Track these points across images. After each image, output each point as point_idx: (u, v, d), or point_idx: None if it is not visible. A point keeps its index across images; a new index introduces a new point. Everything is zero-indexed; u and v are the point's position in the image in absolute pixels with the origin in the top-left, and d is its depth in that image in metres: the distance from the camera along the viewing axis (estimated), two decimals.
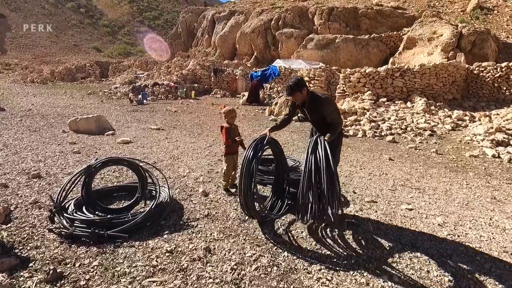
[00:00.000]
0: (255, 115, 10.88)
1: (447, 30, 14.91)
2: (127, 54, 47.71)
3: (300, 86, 2.88)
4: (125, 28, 58.02)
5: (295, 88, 2.89)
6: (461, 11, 21.66)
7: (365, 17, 22.22)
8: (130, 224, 2.72)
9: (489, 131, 7.55)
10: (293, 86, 2.88)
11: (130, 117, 9.81)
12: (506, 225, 3.35)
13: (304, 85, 2.92)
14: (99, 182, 3.98)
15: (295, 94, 2.92)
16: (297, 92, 2.90)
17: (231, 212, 3.30)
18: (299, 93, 2.90)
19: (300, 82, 2.90)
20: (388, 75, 10.75)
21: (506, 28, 18.57)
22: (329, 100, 2.98)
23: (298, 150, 6.24)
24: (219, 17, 31.63)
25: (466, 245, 2.87)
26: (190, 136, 7.29)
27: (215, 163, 5.08)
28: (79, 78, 25.94)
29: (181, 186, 3.98)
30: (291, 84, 2.90)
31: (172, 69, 22.11)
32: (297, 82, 2.89)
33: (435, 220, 3.35)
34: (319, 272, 2.33)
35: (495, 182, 4.80)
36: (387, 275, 2.35)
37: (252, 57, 25.59)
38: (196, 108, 12.22)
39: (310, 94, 2.97)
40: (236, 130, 3.91)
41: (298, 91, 2.89)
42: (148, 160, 5.09)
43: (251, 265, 2.37)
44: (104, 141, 6.41)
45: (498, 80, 10.55)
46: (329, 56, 19.65)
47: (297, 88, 2.88)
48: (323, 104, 2.91)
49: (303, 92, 2.92)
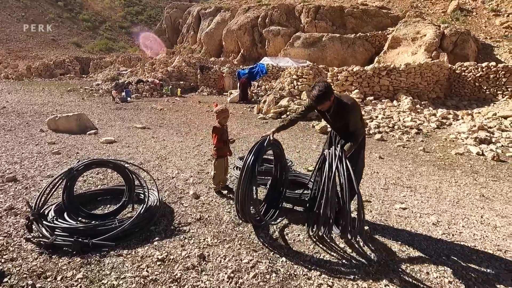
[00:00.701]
0: (244, 113, 10.73)
1: (430, 31, 15.27)
2: (109, 50, 46.16)
3: (329, 94, 2.61)
4: (106, 23, 56.08)
5: (323, 97, 2.61)
6: (442, 12, 22.26)
7: (351, 16, 22.45)
8: (117, 231, 2.53)
9: (472, 129, 7.76)
10: (321, 95, 2.59)
11: (113, 115, 9.43)
12: (497, 222, 3.40)
13: (332, 92, 2.65)
14: (81, 185, 3.74)
15: (324, 103, 2.65)
16: (326, 101, 2.64)
17: (225, 215, 3.17)
18: (328, 101, 2.65)
19: (328, 90, 2.60)
20: (375, 74, 10.87)
21: (484, 30, 19.24)
22: (355, 107, 2.71)
23: (288, 149, 6.17)
24: (204, 13, 31.11)
25: (462, 244, 2.87)
26: (177, 135, 7.06)
27: (205, 163, 4.92)
28: (57, 74, 24.82)
29: (171, 188, 3.81)
30: (319, 94, 2.59)
31: (157, 65, 21.54)
32: (325, 90, 2.58)
33: (429, 219, 3.35)
34: (319, 278, 2.24)
35: (482, 180, 4.90)
36: (387, 278, 2.29)
37: (239, 55, 25.34)
38: (182, 106, 11.92)
39: (336, 100, 2.71)
40: (226, 130, 3.72)
41: (327, 100, 2.63)
42: (134, 160, 4.87)
43: (249, 272, 2.25)
44: (86, 141, 6.09)
45: (479, 80, 10.88)
46: (316, 55, 19.72)
47: (326, 97, 2.61)
48: (349, 112, 2.67)
49: (331, 100, 2.66)
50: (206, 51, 28.14)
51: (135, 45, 49.89)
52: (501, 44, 17.22)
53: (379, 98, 10.77)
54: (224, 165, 3.66)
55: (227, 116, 3.63)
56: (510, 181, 4.88)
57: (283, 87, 13.63)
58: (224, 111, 3.60)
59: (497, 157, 6.03)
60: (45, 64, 25.75)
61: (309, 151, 6.16)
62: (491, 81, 10.64)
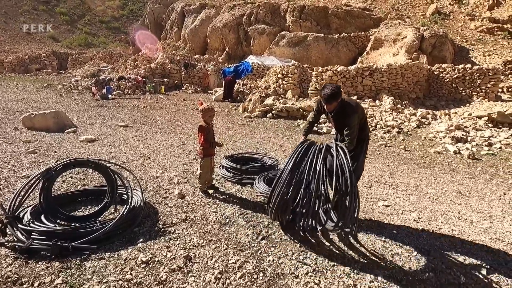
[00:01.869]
0: (229, 112, 10.67)
1: (411, 33, 15.76)
2: (88, 45, 44.57)
3: (338, 95, 2.72)
4: (85, 17, 54.10)
5: (333, 97, 2.70)
6: (421, 15, 23.01)
7: (335, 16, 22.77)
8: (99, 233, 2.44)
9: (449, 129, 8.09)
10: (332, 94, 2.69)
11: (93, 113, 9.11)
12: (473, 218, 3.55)
13: (341, 94, 2.76)
14: (60, 186, 3.58)
15: (332, 103, 2.75)
16: (334, 102, 2.73)
17: (211, 215, 3.13)
18: (335, 102, 2.74)
19: (338, 91, 2.71)
20: (358, 74, 11.10)
21: (460, 33, 20.07)
22: (355, 112, 2.76)
23: (274, 148, 6.19)
24: (189, 10, 30.61)
25: (441, 239, 2.98)
26: (161, 133, 6.92)
27: (190, 162, 4.85)
28: (33, 69, 23.69)
29: (155, 188, 3.72)
30: (330, 93, 2.69)
31: (140, 62, 21.00)
32: (336, 91, 2.69)
33: (410, 216, 3.45)
34: (306, 276, 2.26)
35: (459, 177, 5.11)
36: (372, 274, 2.34)
37: (224, 52, 25.13)
38: (166, 104, 11.69)
39: (341, 102, 2.79)
40: (212, 130, 3.67)
41: (335, 100, 2.73)
42: (116, 160, 4.72)
43: (236, 272, 2.24)
44: (64, 139, 5.85)
45: (456, 81, 11.35)
46: (301, 54, 19.88)
47: (335, 98, 2.71)
48: (349, 115, 2.74)
49: (338, 101, 2.76)
50: (190, 48, 27.72)
51: (117, 40, 48.49)
52: (476, 47, 18.05)
53: (362, 97, 11.00)
54: (210, 164, 3.61)
55: (212, 114, 3.58)
56: (484, 178, 5.11)
57: (268, 86, 13.66)
58: (209, 109, 3.53)
59: (472, 156, 6.31)
60: (19, 58, 24.53)
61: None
62: (467, 83, 11.13)
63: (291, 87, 12.74)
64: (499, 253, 2.81)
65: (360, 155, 2.98)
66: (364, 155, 3.04)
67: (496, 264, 2.62)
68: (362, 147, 2.99)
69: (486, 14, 21.40)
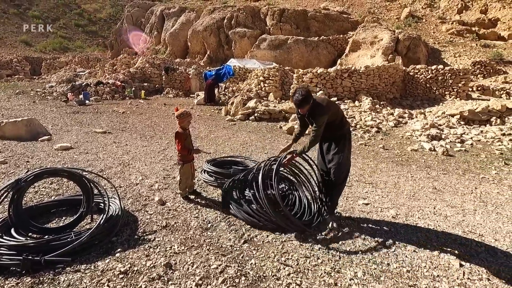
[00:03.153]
0: (211, 115, 10.60)
1: (386, 35, 16.32)
2: (63, 49, 43.07)
3: (309, 98, 2.82)
4: (60, 20, 52.29)
5: (305, 101, 2.81)
6: (396, 18, 23.92)
7: (314, 20, 23.24)
8: (74, 244, 2.35)
9: (424, 127, 8.41)
10: (303, 99, 2.79)
11: (70, 119, 8.79)
12: (447, 212, 3.71)
13: (311, 96, 2.86)
14: (32, 196, 3.42)
15: (304, 107, 2.85)
16: (306, 105, 2.84)
17: (192, 220, 3.09)
18: (307, 105, 2.85)
19: (308, 95, 2.82)
20: (337, 76, 11.35)
21: (433, 35, 21.02)
22: (324, 113, 2.84)
23: (257, 151, 6.20)
24: (168, 13, 30.29)
25: (417, 234, 3.08)
26: (141, 139, 6.77)
27: (171, 168, 4.77)
28: (4, 75, 22.57)
29: (134, 196, 3.63)
30: (301, 98, 2.79)
31: (118, 66, 20.51)
32: (306, 94, 2.80)
33: (388, 213, 3.56)
34: (288, 277, 2.27)
35: (434, 173, 5.32)
36: (352, 272, 2.39)
37: (205, 56, 25.02)
38: (147, 109, 11.47)
39: (312, 103, 2.88)
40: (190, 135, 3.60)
41: (307, 103, 2.83)
42: (94, 168, 4.58)
43: (218, 278, 2.21)
44: (38, 148, 5.60)
45: (430, 81, 11.84)
46: (282, 57, 20.11)
47: (306, 101, 2.82)
48: (317, 116, 2.85)
49: (310, 103, 2.86)
50: (171, 52, 27.38)
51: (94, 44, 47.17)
52: (447, 48, 18.94)
53: (342, 98, 11.25)
54: (191, 170, 3.57)
55: (190, 120, 3.51)
56: (457, 174, 5.35)
57: (250, 89, 13.71)
58: (186, 115, 3.45)
59: (446, 152, 6.59)
60: None
61: (277, 151, 6.20)
62: (440, 83, 11.64)
63: (273, 89, 12.83)
64: (471, 245, 2.95)
65: (344, 151, 3.03)
66: (348, 151, 3.09)
67: (468, 256, 2.74)
68: (344, 143, 3.04)
69: (455, 18, 22.56)
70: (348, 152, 3.08)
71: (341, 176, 3.04)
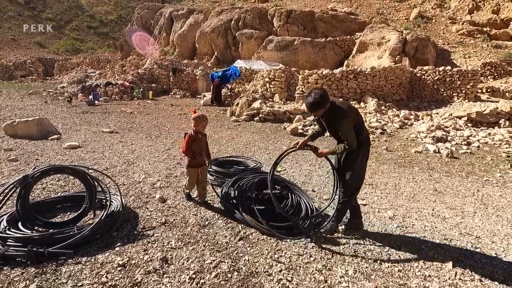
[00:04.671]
0: (216, 116, 10.73)
1: (394, 36, 16.17)
2: (75, 50, 44.06)
3: (323, 102, 2.59)
4: (73, 22, 53.54)
5: (317, 105, 2.59)
6: (405, 19, 23.65)
7: (321, 21, 23.18)
8: (76, 238, 2.47)
9: (430, 129, 8.33)
10: (315, 103, 2.58)
11: (79, 119, 9.04)
12: (446, 214, 3.70)
13: (327, 100, 2.61)
14: (40, 193, 3.58)
15: (317, 111, 2.64)
16: (320, 108, 2.62)
17: (191, 217, 3.18)
18: (322, 109, 2.63)
19: (323, 98, 2.57)
20: (343, 77, 11.33)
21: (442, 36, 20.69)
22: (346, 116, 2.61)
23: (259, 151, 6.27)
24: (177, 15, 30.68)
25: (413, 235, 3.10)
26: (147, 139, 6.93)
27: (174, 167, 4.88)
28: (18, 76, 23.29)
29: (136, 193, 3.75)
30: (313, 101, 2.57)
31: (128, 68, 20.91)
32: (320, 99, 2.56)
33: (386, 214, 3.57)
34: (279, 274, 2.33)
35: (436, 175, 5.29)
36: (343, 270, 2.44)
37: (213, 57, 25.24)
38: (154, 109, 11.68)
39: (331, 106, 2.65)
40: (204, 139, 3.40)
41: (321, 107, 2.61)
42: (100, 166, 4.73)
43: (211, 272, 2.29)
44: (47, 147, 5.81)
45: (437, 83, 11.70)
46: (288, 58, 20.14)
47: (319, 105, 2.60)
48: (339, 120, 2.61)
49: (326, 107, 2.63)
50: (179, 53, 27.73)
51: (105, 45, 48.06)
52: (457, 49, 18.63)
53: (348, 100, 11.22)
54: (197, 175, 3.38)
55: (205, 124, 3.33)
56: (460, 176, 5.30)
57: (256, 90, 13.79)
58: (202, 118, 3.29)
59: (451, 154, 6.52)
60: (3, 65, 24.09)
61: (279, 152, 6.28)
62: (447, 84, 11.48)
63: (278, 90, 12.89)
64: (466, 246, 2.95)
65: (355, 163, 2.80)
66: (361, 162, 2.84)
67: (463, 257, 2.75)
68: (358, 153, 2.79)
69: (466, 18, 22.15)
70: (361, 165, 2.85)
71: (351, 189, 2.89)
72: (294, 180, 4.55)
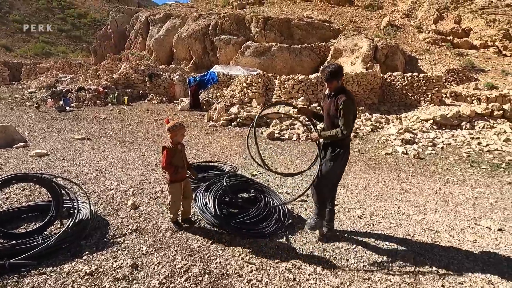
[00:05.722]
0: (194, 121, 10.66)
1: (366, 43, 16.92)
2: (45, 54, 42.14)
3: (339, 75, 2.72)
4: (42, 25, 51.26)
5: (334, 75, 2.71)
6: (376, 27, 24.81)
7: (297, 28, 23.79)
8: (40, 248, 2.39)
9: (399, 132, 8.77)
10: (334, 72, 2.70)
11: (48, 126, 8.66)
12: (410, 211, 3.93)
13: (342, 76, 2.76)
14: (1, 203, 3.41)
15: (332, 81, 2.73)
16: (335, 80, 2.72)
17: (163, 223, 3.16)
18: (336, 81, 2.73)
19: (340, 70, 2.74)
20: (318, 82, 11.67)
21: (410, 44, 21.89)
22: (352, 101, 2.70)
23: (236, 156, 6.32)
24: (153, 20, 30.26)
25: (379, 232, 3.26)
26: (120, 145, 6.77)
27: (148, 173, 4.82)
28: None
29: (107, 201, 3.67)
30: (332, 70, 2.71)
31: (102, 72, 20.29)
32: (338, 69, 2.72)
33: (355, 213, 3.74)
34: (250, 274, 2.38)
35: (403, 175, 5.58)
36: (312, 268, 2.53)
37: (191, 62, 25.09)
38: (129, 115, 11.41)
39: (341, 87, 2.78)
40: (183, 150, 3.03)
41: (335, 79, 2.72)
42: (69, 174, 4.57)
43: (182, 276, 2.30)
44: (12, 155, 5.53)
45: (406, 88, 12.36)
46: (266, 63, 20.44)
47: (336, 76, 2.71)
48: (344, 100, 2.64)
49: (339, 82, 2.75)
50: (156, 58, 27.31)
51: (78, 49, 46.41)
52: (424, 56, 19.77)
53: None
54: (180, 190, 3.00)
55: (183, 132, 2.97)
56: (425, 175, 5.63)
57: (234, 95, 13.86)
58: (179, 127, 2.89)
59: (417, 155, 6.91)
60: None
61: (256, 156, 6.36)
62: (415, 89, 12.16)
63: (256, 95, 13.04)
64: (427, 240, 3.15)
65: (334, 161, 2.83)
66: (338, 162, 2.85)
67: (423, 251, 2.94)
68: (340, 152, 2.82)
69: (432, 27, 23.61)
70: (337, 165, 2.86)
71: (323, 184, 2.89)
72: (269, 183, 4.63)
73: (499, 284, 2.48)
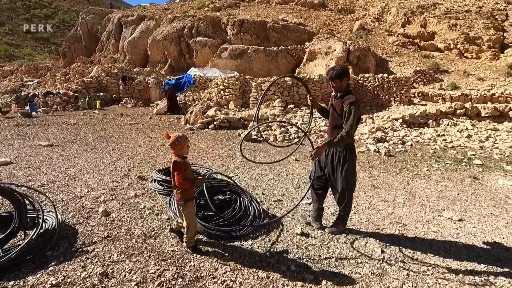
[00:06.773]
0: (170, 125, 10.49)
1: (339, 46, 17.46)
2: (9, 57, 39.72)
3: (343, 75, 2.83)
4: (5, 26, 48.30)
5: (342, 75, 2.82)
6: (349, 31, 25.66)
7: (273, 30, 24.10)
8: (1, 262, 2.26)
9: (372, 131, 9.13)
10: (341, 72, 2.81)
11: (12, 132, 8.18)
12: (380, 207, 4.11)
13: (347, 76, 2.87)
14: None
15: (335, 80, 2.84)
16: (338, 79, 2.83)
17: (136, 229, 3.10)
18: (339, 81, 2.83)
19: (345, 71, 2.85)
20: (293, 84, 11.89)
21: (381, 46, 22.84)
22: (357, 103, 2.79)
23: (212, 158, 6.30)
24: (127, 21, 29.45)
25: (350, 228, 3.39)
26: (92, 151, 6.52)
27: (121, 179, 4.69)
28: None
29: (77, 209, 3.53)
30: (337, 69, 2.83)
31: (72, 76, 19.43)
32: (342, 70, 2.83)
33: (328, 210, 3.85)
34: (224, 275, 2.39)
35: (375, 173, 5.82)
36: (286, 266, 2.58)
37: (167, 65, 24.64)
38: (101, 120, 11.02)
39: (348, 89, 2.89)
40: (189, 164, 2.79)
41: (339, 78, 2.82)
42: (35, 182, 4.35)
43: (154, 281, 2.27)
44: None
45: (377, 88, 12.88)
46: (243, 66, 20.50)
47: (342, 75, 2.82)
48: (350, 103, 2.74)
49: (343, 83, 2.85)
50: (130, 61, 26.56)
51: (45, 52, 44.19)
52: (393, 58, 20.71)
53: (299, 106, 11.79)
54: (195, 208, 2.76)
55: (188, 143, 2.71)
56: (395, 172, 5.91)
57: (211, 97, 13.79)
58: (184, 139, 2.63)
59: (388, 153, 7.23)
60: None
61: (232, 158, 6.39)
62: (385, 90, 12.71)
63: (233, 98, 13.06)
64: (395, 233, 3.32)
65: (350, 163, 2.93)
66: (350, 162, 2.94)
67: (391, 243, 3.09)
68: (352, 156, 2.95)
69: (400, 31, 24.78)
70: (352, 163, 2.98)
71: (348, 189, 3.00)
72: (246, 184, 4.67)
73: (458, 269, 2.66)
